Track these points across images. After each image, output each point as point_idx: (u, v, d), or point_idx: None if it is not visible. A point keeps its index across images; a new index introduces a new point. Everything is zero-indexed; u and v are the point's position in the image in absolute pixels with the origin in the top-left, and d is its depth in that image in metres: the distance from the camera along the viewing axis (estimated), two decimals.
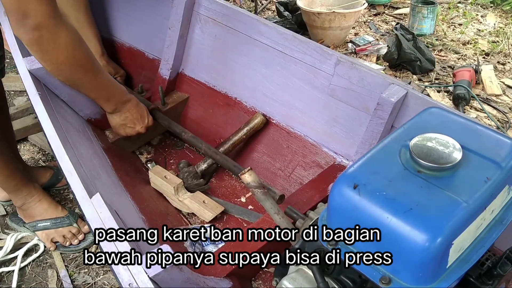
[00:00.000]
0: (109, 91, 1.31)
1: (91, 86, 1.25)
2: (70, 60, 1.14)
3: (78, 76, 1.20)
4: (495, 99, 2.15)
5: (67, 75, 1.18)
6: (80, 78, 1.21)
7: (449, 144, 0.73)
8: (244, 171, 0.98)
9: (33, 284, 1.34)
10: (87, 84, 1.24)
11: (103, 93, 1.29)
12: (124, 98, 1.36)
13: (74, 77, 1.19)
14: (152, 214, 1.27)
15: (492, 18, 2.94)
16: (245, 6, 3.17)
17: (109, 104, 1.33)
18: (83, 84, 1.23)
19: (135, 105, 1.39)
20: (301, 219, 0.97)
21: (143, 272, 0.75)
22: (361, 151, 1.30)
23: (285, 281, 0.84)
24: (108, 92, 1.31)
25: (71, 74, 1.18)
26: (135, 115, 1.39)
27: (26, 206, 1.42)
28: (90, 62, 1.20)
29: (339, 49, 2.59)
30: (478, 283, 0.75)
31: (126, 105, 1.36)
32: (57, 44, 1.09)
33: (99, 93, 1.29)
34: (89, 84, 1.24)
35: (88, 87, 1.25)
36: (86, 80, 1.22)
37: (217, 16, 1.58)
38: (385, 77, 1.27)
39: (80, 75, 1.19)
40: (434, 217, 0.64)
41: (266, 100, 1.54)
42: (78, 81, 1.22)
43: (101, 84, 1.27)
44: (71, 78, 1.20)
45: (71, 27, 1.12)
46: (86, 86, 1.24)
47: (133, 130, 1.41)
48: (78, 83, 1.23)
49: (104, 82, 1.28)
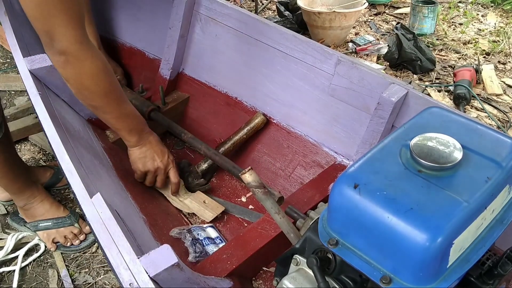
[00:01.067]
0: (131, 122, 1.28)
1: (113, 115, 1.23)
2: (94, 88, 1.13)
3: (100, 104, 1.19)
4: (495, 98, 2.15)
5: (90, 101, 1.18)
6: (103, 107, 1.20)
7: (449, 144, 0.73)
8: (244, 171, 0.98)
9: (34, 284, 1.34)
10: (109, 113, 1.22)
11: (126, 124, 1.27)
12: (146, 130, 1.33)
13: (96, 104, 1.18)
14: (153, 214, 1.27)
15: (493, 17, 2.94)
16: (246, 6, 3.17)
17: (130, 136, 1.29)
18: (105, 112, 1.22)
19: (157, 140, 1.35)
20: (301, 219, 0.97)
21: (144, 272, 0.75)
22: (361, 151, 1.30)
23: (285, 281, 0.84)
24: (131, 123, 1.27)
25: (93, 101, 1.17)
26: (156, 149, 1.34)
27: (28, 206, 1.42)
28: (114, 92, 1.19)
29: (339, 48, 2.59)
30: (478, 282, 0.75)
31: (149, 138, 1.33)
32: (82, 70, 1.08)
33: (122, 124, 1.26)
34: (111, 113, 1.22)
35: (110, 116, 1.23)
36: (109, 109, 1.21)
37: (218, 16, 1.58)
38: (385, 77, 1.27)
39: (103, 103, 1.18)
40: (434, 217, 0.64)
41: (266, 100, 1.54)
42: (100, 109, 1.21)
43: (123, 114, 1.24)
44: (94, 105, 1.19)
45: (99, 55, 1.12)
46: (108, 115, 1.23)
47: (152, 165, 1.34)
48: (101, 111, 1.22)
49: (126, 113, 1.25)
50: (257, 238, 1.14)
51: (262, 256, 1.15)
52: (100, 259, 1.40)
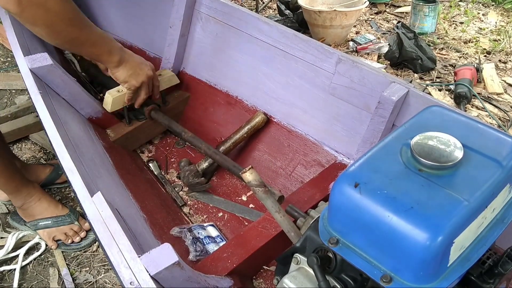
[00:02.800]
0: (108, 42, 1.26)
1: (90, 42, 1.21)
2: (64, 20, 1.10)
3: (75, 35, 1.16)
4: (496, 97, 2.15)
5: (64, 35, 1.15)
6: (78, 37, 1.17)
7: (450, 143, 0.73)
8: (245, 169, 0.99)
9: (35, 282, 1.35)
10: (85, 41, 1.20)
11: (104, 47, 1.25)
12: (118, 46, 1.31)
13: (71, 36, 1.16)
14: (153, 213, 1.27)
15: (494, 16, 2.94)
16: (246, 4, 3.17)
17: (112, 57, 1.28)
18: (82, 42, 1.19)
19: (131, 54, 1.35)
20: (302, 218, 0.98)
21: (145, 271, 0.75)
22: (362, 150, 1.30)
23: (286, 280, 0.84)
24: (108, 44, 1.26)
25: (68, 34, 1.14)
26: (138, 59, 1.34)
27: (26, 206, 1.42)
28: (82, 18, 1.17)
29: (340, 47, 2.58)
30: (479, 281, 0.75)
31: (126, 54, 1.31)
32: (48, 6, 1.05)
33: (100, 48, 1.24)
34: (87, 40, 1.20)
35: (88, 44, 1.21)
36: (84, 37, 1.18)
37: (218, 14, 1.58)
38: (386, 76, 1.27)
39: (77, 33, 1.16)
40: (435, 216, 0.64)
41: (267, 98, 1.54)
42: (76, 40, 1.18)
43: (98, 37, 1.23)
44: (69, 38, 1.16)
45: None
46: (85, 43, 1.20)
47: (144, 75, 1.36)
48: (77, 42, 1.19)
49: (99, 35, 1.23)
50: (258, 237, 1.14)
51: (262, 255, 1.15)
52: (100, 257, 1.40)
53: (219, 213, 1.42)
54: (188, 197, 1.48)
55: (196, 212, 1.43)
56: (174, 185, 1.52)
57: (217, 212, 1.43)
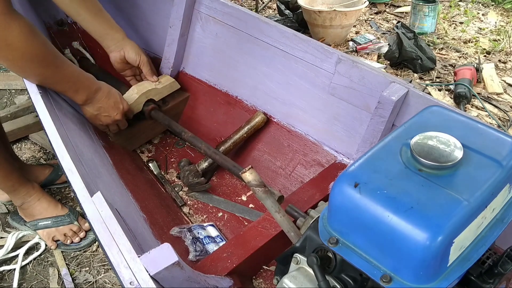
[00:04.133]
0: (76, 81, 1.25)
1: (54, 79, 1.19)
2: (26, 56, 1.08)
3: (38, 71, 1.15)
4: (496, 97, 2.15)
5: (26, 71, 1.14)
6: (42, 73, 1.16)
7: (450, 143, 0.73)
8: (245, 169, 0.99)
9: (34, 282, 1.35)
10: (50, 78, 1.19)
11: (70, 85, 1.23)
12: (94, 87, 1.30)
13: (34, 72, 1.15)
14: (153, 213, 1.27)
15: (493, 16, 2.94)
16: (246, 4, 3.17)
17: (78, 96, 1.27)
18: (46, 78, 1.18)
19: (107, 93, 1.34)
20: (302, 218, 0.98)
21: (144, 271, 0.75)
22: (362, 150, 1.30)
23: (286, 280, 0.84)
24: (75, 83, 1.24)
25: (31, 70, 1.13)
26: (109, 103, 1.34)
27: (25, 205, 1.42)
28: (49, 54, 1.14)
29: (340, 47, 2.58)
30: (479, 281, 0.75)
31: (98, 94, 1.31)
32: (9, 41, 1.03)
33: (65, 85, 1.23)
34: (52, 77, 1.19)
35: (52, 81, 1.20)
36: (48, 74, 1.17)
37: (218, 14, 1.58)
38: (386, 76, 1.27)
39: (41, 69, 1.14)
40: (435, 216, 0.64)
41: (267, 98, 1.54)
42: (39, 76, 1.17)
43: (65, 76, 1.21)
44: (31, 73, 1.15)
45: (24, 20, 1.06)
46: (50, 80, 1.19)
47: (109, 119, 1.37)
48: (40, 78, 1.18)
49: (69, 73, 1.22)
50: (258, 237, 1.14)
51: (262, 255, 1.15)
52: (100, 257, 1.40)
53: (219, 213, 1.42)
54: (188, 197, 1.48)
55: (196, 212, 1.43)
56: (174, 185, 1.52)
57: (217, 212, 1.43)
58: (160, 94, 1.60)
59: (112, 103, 1.35)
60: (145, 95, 1.54)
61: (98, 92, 1.31)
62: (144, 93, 1.54)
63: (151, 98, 1.57)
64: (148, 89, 1.55)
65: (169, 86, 1.63)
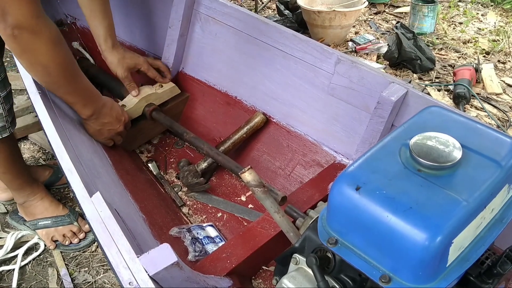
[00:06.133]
0: (86, 96, 1.25)
1: (67, 90, 1.20)
2: (49, 63, 1.09)
3: (55, 79, 1.15)
4: (495, 98, 2.15)
5: (43, 76, 1.14)
6: (57, 82, 1.16)
7: (449, 143, 0.73)
8: (244, 170, 0.99)
9: (34, 283, 1.34)
10: (63, 88, 1.19)
11: (80, 98, 1.24)
12: (101, 102, 1.30)
13: (50, 79, 1.15)
14: (153, 213, 1.27)
15: (493, 16, 2.94)
16: (246, 4, 3.17)
17: (85, 110, 1.27)
18: (59, 87, 1.19)
19: (110, 108, 1.34)
20: (301, 218, 0.97)
21: (143, 271, 0.75)
22: (361, 150, 1.30)
23: (285, 280, 0.84)
24: (85, 98, 1.25)
25: (48, 76, 1.13)
26: (113, 117, 1.34)
27: (27, 204, 1.42)
28: (69, 65, 1.15)
29: (339, 48, 2.58)
30: (478, 282, 0.75)
31: (103, 109, 1.31)
32: (36, 46, 1.04)
33: (76, 98, 1.24)
34: (65, 88, 1.19)
35: (65, 91, 1.20)
36: (63, 84, 1.17)
37: (217, 15, 1.58)
38: (385, 76, 1.27)
39: (57, 78, 1.14)
40: (434, 216, 0.64)
41: (266, 99, 1.54)
42: (54, 84, 1.17)
43: (78, 88, 1.22)
44: (47, 80, 1.15)
45: (53, 28, 1.07)
46: (63, 89, 1.19)
47: (113, 132, 1.37)
48: (54, 86, 1.18)
49: (82, 86, 1.22)
50: (257, 237, 1.14)
51: (261, 255, 1.15)
52: (99, 258, 1.40)
53: (218, 213, 1.42)
54: (187, 197, 1.48)
55: (195, 212, 1.43)
56: (173, 185, 1.52)
57: (216, 212, 1.43)
58: (160, 98, 1.60)
59: (115, 116, 1.35)
60: (145, 99, 1.54)
61: (103, 107, 1.31)
62: (144, 98, 1.54)
63: (151, 102, 1.57)
64: (148, 94, 1.55)
65: (169, 91, 1.63)
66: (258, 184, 0.98)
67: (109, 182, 1.19)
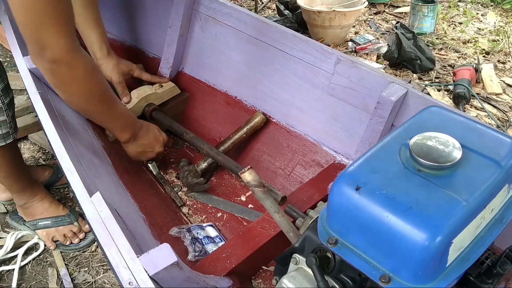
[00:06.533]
0: (124, 121, 1.28)
1: (105, 117, 1.23)
2: (86, 92, 1.12)
3: (92, 108, 1.18)
4: (495, 98, 2.15)
5: (82, 105, 1.17)
6: (96, 110, 1.19)
7: (449, 143, 0.73)
8: (244, 169, 0.99)
9: (33, 283, 1.34)
10: (101, 115, 1.22)
11: (118, 124, 1.27)
12: (138, 125, 1.34)
13: (88, 108, 1.18)
14: (152, 213, 1.27)
15: (493, 16, 2.94)
16: (245, 4, 3.17)
17: (124, 134, 1.30)
18: (97, 115, 1.22)
19: (147, 130, 1.36)
20: (301, 218, 0.97)
21: (143, 271, 0.75)
22: (361, 150, 1.30)
23: (285, 280, 0.84)
24: (122, 122, 1.28)
25: (86, 105, 1.17)
26: (151, 139, 1.37)
27: (28, 205, 1.42)
28: (105, 93, 1.18)
29: (339, 48, 2.58)
30: (477, 282, 0.75)
31: (140, 131, 1.34)
32: (74, 77, 1.06)
33: (114, 124, 1.27)
34: (103, 115, 1.22)
35: (103, 118, 1.24)
36: (102, 111, 1.21)
37: (217, 15, 1.58)
38: (385, 76, 1.27)
39: (95, 106, 1.18)
40: (433, 216, 0.64)
41: (266, 99, 1.54)
42: (92, 113, 1.21)
43: (115, 114, 1.25)
44: (85, 108, 1.19)
45: (88, 59, 1.10)
46: (100, 116, 1.23)
47: (153, 153, 1.40)
48: (92, 114, 1.23)
49: (118, 112, 1.25)
50: (257, 237, 1.14)
51: (261, 255, 1.15)
52: (99, 258, 1.40)
53: (218, 213, 1.42)
54: (187, 197, 1.48)
55: (195, 212, 1.43)
56: (173, 185, 1.52)
57: (216, 212, 1.43)
58: (160, 98, 1.61)
59: (153, 138, 1.38)
60: (145, 99, 1.55)
61: (140, 129, 1.34)
62: (144, 97, 1.55)
63: (151, 102, 1.57)
64: (148, 94, 1.56)
65: (169, 91, 1.64)
66: (258, 184, 0.98)
67: (109, 182, 1.19)
